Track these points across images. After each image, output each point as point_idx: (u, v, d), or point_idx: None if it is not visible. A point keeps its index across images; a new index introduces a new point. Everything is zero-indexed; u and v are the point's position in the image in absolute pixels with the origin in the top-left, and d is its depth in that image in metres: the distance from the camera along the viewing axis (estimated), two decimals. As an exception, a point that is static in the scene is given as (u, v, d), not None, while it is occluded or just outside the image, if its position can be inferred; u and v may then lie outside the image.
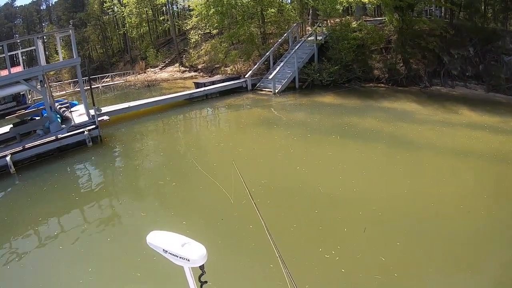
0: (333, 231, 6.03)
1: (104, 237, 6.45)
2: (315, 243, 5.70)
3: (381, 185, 7.64)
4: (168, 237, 1.92)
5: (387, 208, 6.58)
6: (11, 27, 68.93)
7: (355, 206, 6.70)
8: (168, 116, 16.55)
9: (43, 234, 6.84)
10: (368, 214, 6.37)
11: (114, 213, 7.55)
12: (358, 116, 13.41)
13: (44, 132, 12.06)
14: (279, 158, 9.75)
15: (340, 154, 9.72)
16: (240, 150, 10.66)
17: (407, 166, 8.58)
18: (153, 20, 45.97)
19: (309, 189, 7.55)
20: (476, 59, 17.75)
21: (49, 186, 9.06)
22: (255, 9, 23.08)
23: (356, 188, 7.43)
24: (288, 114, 15.32)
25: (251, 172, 8.72)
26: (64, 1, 62.33)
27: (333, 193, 7.32)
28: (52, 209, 7.80)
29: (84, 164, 10.93)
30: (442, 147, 9.59)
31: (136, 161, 10.83)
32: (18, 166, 10.41)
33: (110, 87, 32.35)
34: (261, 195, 7.32)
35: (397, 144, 10.16)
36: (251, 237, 5.95)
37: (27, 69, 13.91)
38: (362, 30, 20.53)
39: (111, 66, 45.86)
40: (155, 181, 9.06)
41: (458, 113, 13.19)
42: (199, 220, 6.80)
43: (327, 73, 19.23)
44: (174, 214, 7.20)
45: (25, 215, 7.60)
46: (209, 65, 31.63)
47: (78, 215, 7.54)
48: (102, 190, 8.87)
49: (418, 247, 5.51)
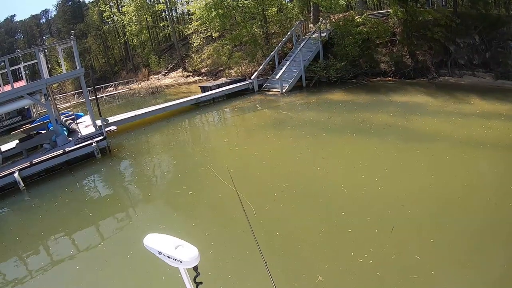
0: (363, 233, 5.74)
1: (123, 254, 6.05)
2: (347, 246, 5.42)
3: (405, 182, 7.37)
4: (163, 239, 1.97)
5: (415, 205, 6.33)
6: (12, 42, 69.43)
7: (382, 205, 6.43)
8: (177, 122, 16.29)
9: (57, 252, 6.53)
10: (397, 212, 6.13)
11: (131, 227, 7.18)
12: (370, 112, 13.11)
13: (51, 146, 11.81)
14: (298, 160, 9.42)
15: (358, 152, 9.40)
16: (256, 154, 10.30)
17: (427, 160, 8.30)
18: (153, 27, 45.95)
19: (333, 190, 7.28)
20: (482, 47, 17.43)
21: (60, 201, 8.77)
22: (257, 9, 22.77)
23: (380, 186, 7.15)
24: (299, 113, 15.02)
25: (271, 175, 8.48)
26: (63, 13, 62.63)
27: (358, 193, 7.01)
28: (65, 226, 7.51)
29: (94, 176, 10.65)
30: (459, 139, 9.36)
31: (149, 171, 10.52)
32: (27, 182, 10.15)
33: (114, 96, 32.26)
34: (285, 199, 7.08)
35: (413, 138, 9.84)
36: (278, 246, 5.69)
37: (30, 83, 13.67)
38: (366, 24, 20.21)
39: (114, 75, 45.90)
40: (171, 190, 8.69)
41: (469, 103, 12.92)
42: (223, 230, 6.47)
43: (334, 70, 18.91)
44: (195, 225, 6.82)
45: (37, 233, 7.33)
46: (213, 69, 31.50)
47: (92, 232, 7.21)
48: (116, 203, 8.54)
49: (453, 243, 5.30)
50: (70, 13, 60.77)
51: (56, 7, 68.22)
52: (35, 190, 9.85)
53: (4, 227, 8.12)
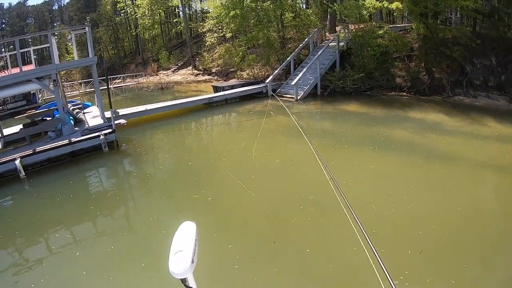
0: (396, 254, 5.41)
1: (137, 265, 5.51)
2: (379, 269, 4.91)
3: (433, 201, 7.09)
4: (177, 239, 1.96)
5: (446, 227, 6.09)
6: (23, 26, 69.21)
7: (413, 225, 6.17)
8: (189, 121, 15.80)
9: (60, 256, 5.98)
10: (428, 233, 5.86)
11: (145, 236, 6.43)
12: (388, 127, 12.76)
13: (56, 135, 11.32)
14: (321, 172, 8.91)
15: (382, 167, 9.00)
16: (277, 161, 9.77)
17: (453, 181, 7.99)
18: (166, 22, 45.65)
19: (361, 206, 6.79)
20: (498, 69, 17.09)
21: (64, 195, 8.25)
22: (275, 13, 22.36)
23: (409, 205, 6.84)
24: (316, 122, 14.60)
25: (295, 186, 8.01)
26: (77, 1, 62.58)
27: (388, 211, 6.65)
28: (68, 223, 7.01)
29: (101, 171, 10.15)
30: (480, 161, 9.08)
31: (162, 171, 9.93)
32: (29, 171, 9.67)
33: (121, 89, 31.83)
34: (311, 214, 6.66)
35: (435, 157, 9.52)
36: (310, 263, 5.32)
37: (40, 67, 13.20)
38: (385, 37, 19.79)
39: (122, 68, 45.59)
40: (188, 194, 8.06)
41: (486, 125, 12.64)
42: (248, 243, 5.97)
43: (351, 80, 18.47)
44: (217, 235, 6.24)
45: (38, 227, 6.86)
46: (224, 69, 31.09)
47: (100, 234, 6.60)
48: (126, 204, 8.00)
49: (486, 270, 5.15)
50: (84, 2, 60.61)
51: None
52: (36, 180, 9.35)
53: (3, 217, 7.62)
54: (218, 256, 5.51)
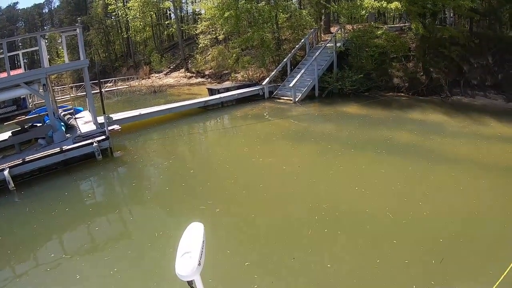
0: (420, 265, 5.20)
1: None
2: (407, 281, 4.87)
3: (449, 207, 6.86)
4: (184, 239, 1.98)
5: (466, 233, 5.94)
6: (13, 29, 68.15)
7: (433, 233, 5.93)
8: (185, 125, 15.33)
9: (57, 281, 5.41)
10: (449, 241, 5.68)
11: (151, 255, 5.84)
12: (391, 129, 12.54)
13: (46, 142, 10.78)
14: (332, 177, 8.60)
15: (392, 172, 8.70)
16: (284, 168, 9.32)
17: (465, 184, 7.82)
18: (157, 25, 45.13)
19: (377, 214, 6.56)
20: (495, 68, 17.04)
21: (58, 208, 7.71)
22: (271, 13, 21.96)
23: (426, 211, 6.57)
24: (318, 125, 14.22)
25: (307, 194, 7.65)
26: (67, 4, 61.78)
27: (405, 218, 6.37)
28: (65, 243, 6.50)
29: (96, 181, 9.61)
30: (488, 163, 8.98)
31: (163, 181, 9.38)
32: (18, 181, 9.13)
33: (113, 92, 31.20)
34: (328, 224, 6.32)
35: (443, 160, 9.28)
36: (333, 280, 5.00)
37: (28, 71, 12.64)
38: (383, 38, 19.50)
39: (114, 71, 44.91)
40: (193, 205, 7.50)
41: (488, 125, 12.57)
42: (265, 260, 5.50)
43: (350, 82, 18.13)
44: (231, 252, 5.71)
45: (31, 245, 6.36)
46: (217, 71, 30.62)
47: (102, 258, 5.95)
48: (127, 218, 7.46)
49: None
50: (74, 5, 59.78)
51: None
52: (28, 192, 8.82)
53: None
54: (235, 278, 5.13)
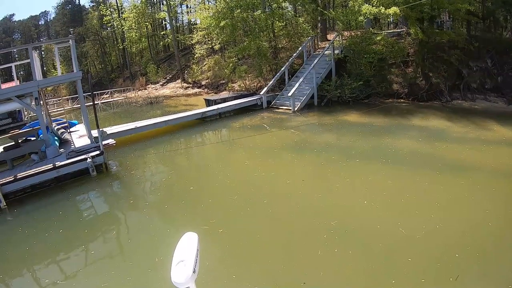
0: (437, 283, 4.93)
1: None
2: None
3: (462, 218, 6.59)
4: (180, 247, 2.03)
5: (481, 247, 5.63)
6: (9, 41, 68.04)
7: (447, 248, 5.61)
8: (183, 138, 14.95)
9: None
10: (464, 255, 5.38)
11: (153, 282, 5.40)
12: (394, 137, 12.25)
13: (39, 158, 10.41)
14: (338, 191, 8.21)
15: (400, 183, 8.37)
16: (288, 182, 8.90)
17: (476, 193, 7.53)
18: (153, 35, 45.05)
19: (389, 230, 6.20)
20: (494, 71, 17.01)
21: (53, 229, 7.28)
22: (267, 22, 21.77)
23: (439, 224, 6.24)
24: (319, 136, 13.83)
25: (314, 211, 7.24)
26: (63, 16, 61.83)
27: (418, 233, 6.01)
28: (62, 267, 6.08)
29: (91, 199, 9.16)
30: (497, 169, 8.71)
31: (161, 198, 8.84)
32: (10, 199, 8.71)
33: (110, 104, 30.81)
34: (338, 243, 5.93)
35: (451, 168, 8.97)
36: None
37: (19, 85, 12.27)
38: (381, 43, 19.33)
39: (110, 82, 44.73)
40: (196, 225, 6.96)
41: (491, 129, 12.39)
42: (275, 284, 5.14)
43: (349, 89, 17.86)
44: (237, 277, 5.29)
45: (25, 269, 5.97)
46: (214, 81, 30.43)
47: (97, 276, 5.57)
48: (126, 241, 6.95)
49: None
50: (70, 16, 59.92)
51: (55, 9, 67.91)
52: (20, 210, 8.43)
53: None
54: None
